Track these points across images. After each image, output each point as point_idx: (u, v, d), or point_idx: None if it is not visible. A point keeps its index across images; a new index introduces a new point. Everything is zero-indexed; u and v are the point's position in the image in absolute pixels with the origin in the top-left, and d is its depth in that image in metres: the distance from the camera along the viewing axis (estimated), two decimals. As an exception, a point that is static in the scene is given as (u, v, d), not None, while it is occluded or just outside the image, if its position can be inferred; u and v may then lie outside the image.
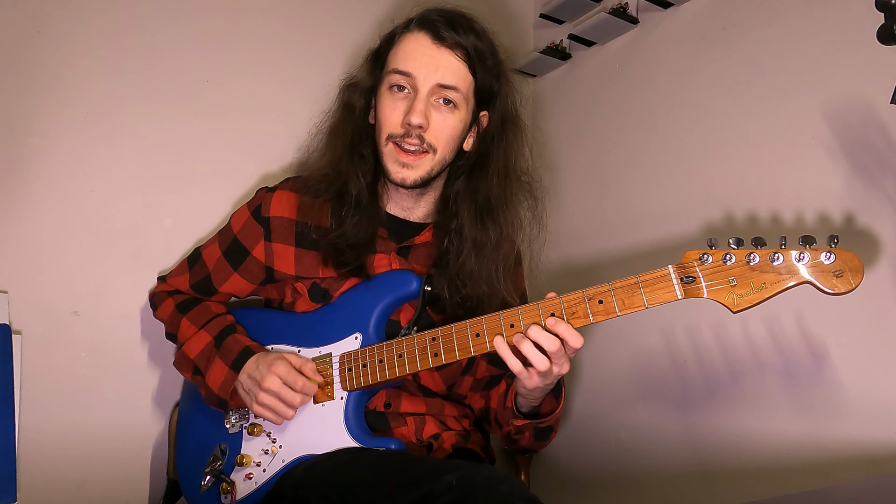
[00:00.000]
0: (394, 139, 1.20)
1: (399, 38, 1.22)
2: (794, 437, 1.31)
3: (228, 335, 1.25)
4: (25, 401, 1.33)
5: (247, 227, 1.29)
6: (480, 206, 1.24)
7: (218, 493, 1.22)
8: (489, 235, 1.23)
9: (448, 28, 1.19)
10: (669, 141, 1.65)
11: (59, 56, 1.42)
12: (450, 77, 1.19)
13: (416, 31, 1.21)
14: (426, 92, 1.18)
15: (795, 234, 0.98)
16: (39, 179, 1.39)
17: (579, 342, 1.03)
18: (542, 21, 2.00)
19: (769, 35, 1.46)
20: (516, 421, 1.21)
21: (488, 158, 1.26)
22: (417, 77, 1.18)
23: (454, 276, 1.21)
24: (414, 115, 1.17)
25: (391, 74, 1.20)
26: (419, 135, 1.18)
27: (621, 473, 1.66)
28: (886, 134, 1.22)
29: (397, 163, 1.20)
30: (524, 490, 0.95)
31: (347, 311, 1.22)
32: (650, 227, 1.66)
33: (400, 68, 1.19)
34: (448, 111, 1.20)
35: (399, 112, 1.19)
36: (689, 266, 1.00)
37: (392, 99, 1.20)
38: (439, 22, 1.19)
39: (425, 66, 1.18)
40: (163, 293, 1.40)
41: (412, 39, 1.21)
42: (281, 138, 1.66)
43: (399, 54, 1.21)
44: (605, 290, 1.03)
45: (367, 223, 1.23)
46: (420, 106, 1.17)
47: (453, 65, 1.19)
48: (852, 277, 0.93)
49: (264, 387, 1.15)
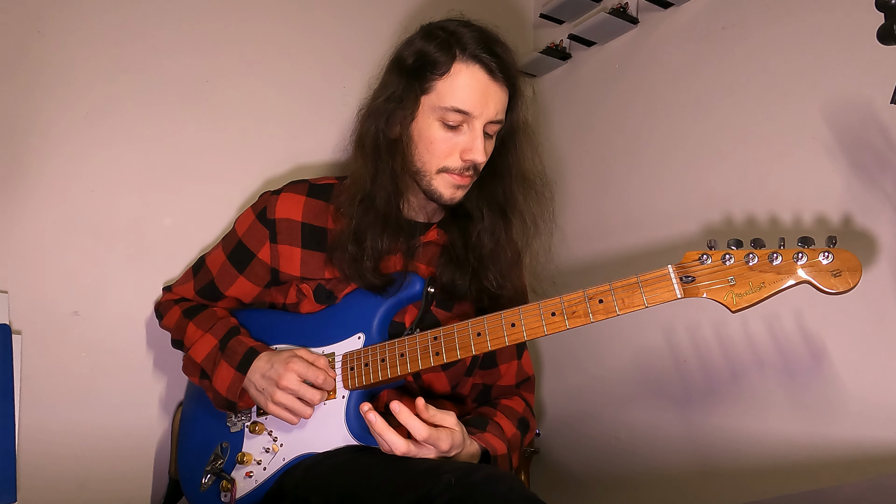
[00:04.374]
0: (450, 171, 1.20)
1: (453, 69, 1.16)
2: (794, 437, 1.31)
3: (232, 337, 1.25)
4: (25, 401, 1.33)
5: (252, 230, 1.29)
6: (494, 204, 1.26)
7: (218, 492, 1.22)
8: (500, 226, 1.26)
9: (496, 58, 1.17)
10: (669, 141, 1.65)
11: (59, 56, 1.42)
12: (501, 112, 1.20)
13: (472, 63, 1.16)
14: (481, 127, 1.18)
15: (795, 235, 0.99)
16: (40, 179, 1.39)
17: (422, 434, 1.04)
18: (542, 21, 2.00)
19: (769, 35, 1.46)
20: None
21: (501, 160, 1.27)
22: (475, 115, 1.17)
23: (469, 259, 1.23)
24: (478, 155, 1.17)
25: (448, 113, 1.16)
26: (475, 166, 1.20)
27: (621, 473, 1.66)
28: (886, 134, 1.22)
29: (453, 187, 1.21)
30: (523, 489, 0.95)
31: (351, 312, 1.23)
32: (650, 227, 1.66)
33: (459, 107, 1.16)
34: (490, 138, 1.23)
35: (454, 146, 1.18)
36: (688, 266, 1.01)
37: (446, 134, 1.18)
38: (489, 53, 1.17)
39: (482, 104, 1.17)
40: (168, 302, 1.40)
41: (468, 74, 1.16)
42: (280, 139, 1.67)
43: (457, 91, 1.16)
44: (605, 289, 1.03)
45: (395, 239, 1.23)
46: (481, 145, 1.17)
47: (504, 100, 1.20)
48: (850, 277, 0.93)
49: (282, 385, 1.15)
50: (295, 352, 1.19)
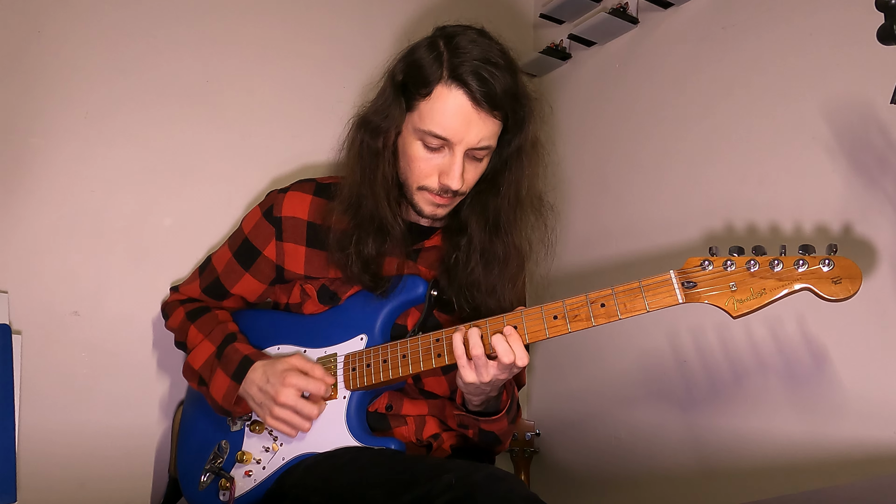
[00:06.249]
0: (427, 190, 1.19)
1: (434, 91, 1.12)
2: (795, 438, 1.31)
3: (229, 344, 1.25)
4: (25, 401, 1.33)
5: (258, 228, 1.30)
6: (490, 222, 1.23)
7: (217, 490, 1.22)
8: (496, 249, 1.23)
9: (486, 86, 1.11)
10: (670, 141, 1.65)
11: (60, 56, 1.42)
12: (486, 140, 1.15)
13: (455, 88, 1.11)
14: (461, 153, 1.14)
15: (795, 237, 0.99)
16: (40, 180, 1.39)
17: (524, 361, 1.06)
18: (542, 21, 2.00)
19: (769, 35, 1.46)
20: (455, 411, 1.23)
21: (501, 177, 1.23)
22: (454, 141, 1.13)
23: (462, 285, 1.22)
24: (453, 182, 1.14)
25: (427, 136, 1.14)
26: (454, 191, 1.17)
27: (621, 473, 1.66)
28: (886, 134, 1.22)
29: (432, 205, 1.20)
30: (524, 489, 0.95)
31: (354, 313, 1.23)
32: (651, 230, 1.66)
33: (437, 132, 1.13)
34: (479, 161, 1.19)
35: (434, 167, 1.16)
36: (690, 271, 1.01)
37: (426, 153, 1.16)
38: (477, 79, 1.10)
39: (462, 131, 1.12)
40: (174, 302, 1.40)
41: (450, 99, 1.11)
42: (281, 139, 1.67)
43: (436, 115, 1.12)
44: (607, 293, 1.04)
45: (381, 243, 1.22)
46: (458, 171, 1.14)
47: (491, 129, 1.15)
48: (850, 285, 0.94)
49: (280, 401, 1.14)
50: (291, 362, 1.17)
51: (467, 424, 1.23)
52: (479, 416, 1.21)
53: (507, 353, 1.05)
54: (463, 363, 1.08)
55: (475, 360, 1.07)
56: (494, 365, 1.06)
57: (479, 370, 1.07)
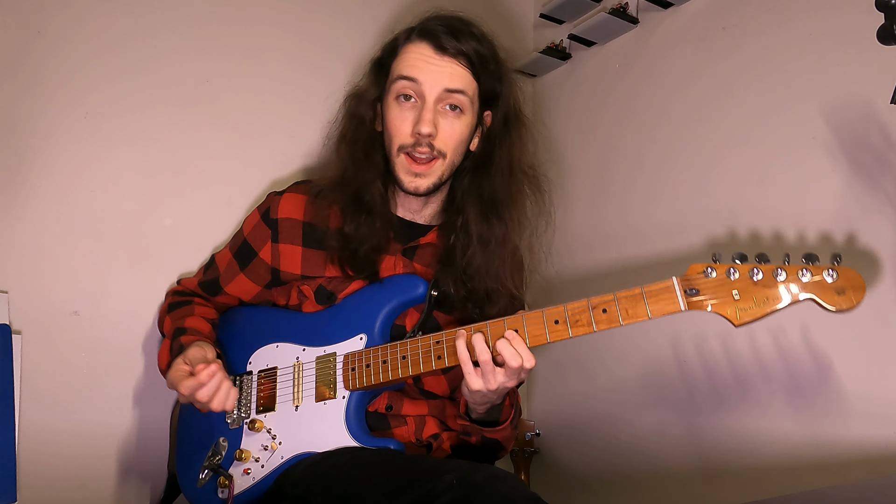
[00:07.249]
0: (405, 150, 1.22)
1: (401, 49, 1.24)
2: (795, 438, 1.31)
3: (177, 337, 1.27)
4: (25, 401, 1.33)
5: (256, 230, 1.32)
6: (486, 203, 1.25)
7: (215, 488, 1.22)
8: (495, 231, 1.24)
9: (449, 37, 1.20)
10: (670, 141, 1.65)
11: (60, 56, 1.42)
12: (455, 83, 1.20)
13: (418, 41, 1.22)
14: (433, 99, 1.20)
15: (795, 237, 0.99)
16: (40, 179, 1.39)
17: (531, 363, 1.05)
18: (542, 21, 2.00)
19: (769, 35, 1.46)
20: (460, 420, 1.23)
21: (493, 156, 1.27)
22: (424, 84, 1.20)
23: (461, 272, 1.22)
24: (423, 125, 1.19)
25: (396, 82, 1.21)
26: (429, 143, 1.20)
27: (621, 473, 1.66)
28: (886, 134, 1.22)
29: (410, 173, 1.22)
30: (525, 489, 0.95)
31: (354, 313, 1.23)
32: (652, 232, 1.66)
33: (405, 74, 1.21)
34: (455, 117, 1.22)
35: (408, 122, 1.21)
36: (692, 278, 1.00)
37: (400, 109, 1.22)
38: (440, 31, 1.20)
39: (430, 74, 1.19)
40: (170, 293, 1.44)
41: (414, 50, 1.22)
42: (280, 139, 1.66)
43: (402, 63, 1.22)
44: (608, 299, 1.03)
45: (382, 228, 1.24)
46: (428, 115, 1.19)
47: (458, 72, 1.21)
48: (854, 295, 0.93)
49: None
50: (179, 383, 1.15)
51: (471, 433, 1.23)
52: (484, 425, 1.20)
53: (514, 357, 1.04)
54: (469, 370, 1.07)
55: (482, 367, 1.06)
56: (502, 372, 1.06)
57: (486, 377, 1.07)
